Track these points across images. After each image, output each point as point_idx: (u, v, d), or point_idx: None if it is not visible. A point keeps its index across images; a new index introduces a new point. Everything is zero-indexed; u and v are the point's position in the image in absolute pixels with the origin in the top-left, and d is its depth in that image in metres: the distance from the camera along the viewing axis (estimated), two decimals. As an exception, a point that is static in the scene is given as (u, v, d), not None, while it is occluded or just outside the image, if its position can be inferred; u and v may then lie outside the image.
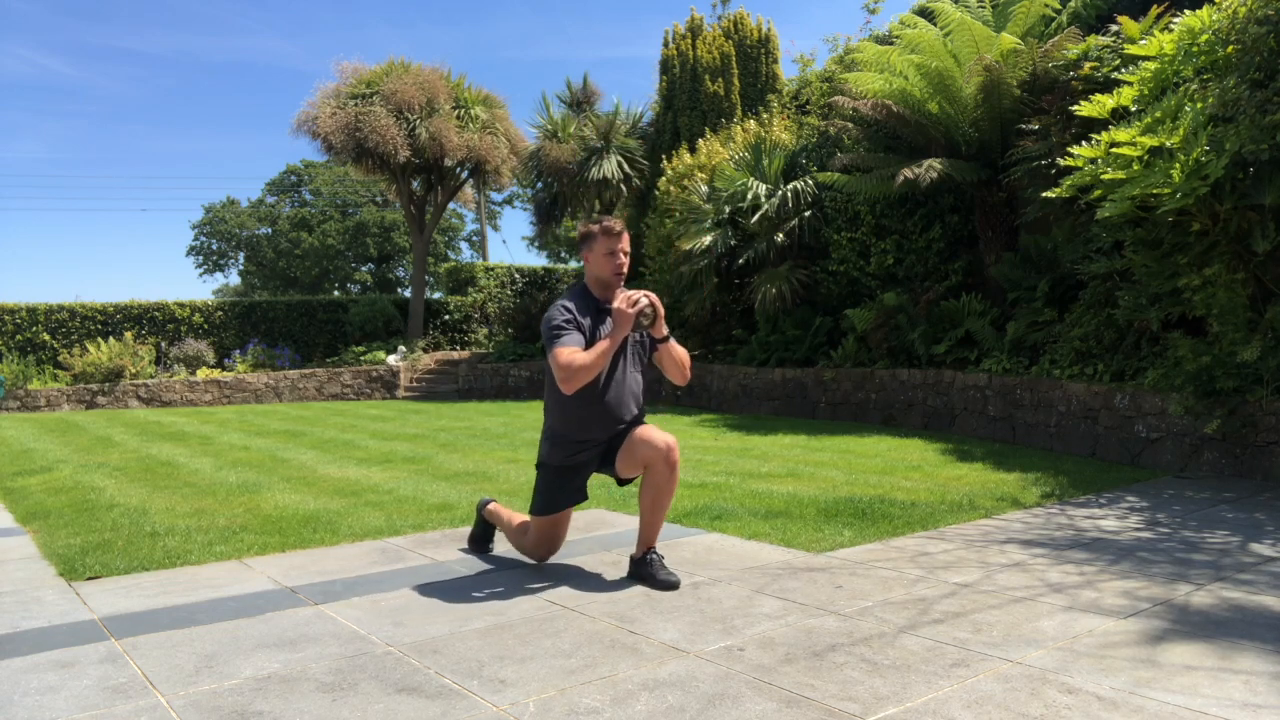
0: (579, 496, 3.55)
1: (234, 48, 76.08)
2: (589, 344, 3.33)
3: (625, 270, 3.47)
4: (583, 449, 3.48)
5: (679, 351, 3.55)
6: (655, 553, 3.47)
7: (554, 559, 3.86)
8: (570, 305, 3.40)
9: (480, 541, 4.02)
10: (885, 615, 2.98)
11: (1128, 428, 6.31)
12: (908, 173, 8.29)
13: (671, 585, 3.35)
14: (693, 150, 13.56)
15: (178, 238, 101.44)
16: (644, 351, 3.58)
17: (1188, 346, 5.87)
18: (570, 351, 3.25)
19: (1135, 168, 5.59)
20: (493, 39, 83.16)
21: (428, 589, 3.44)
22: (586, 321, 3.39)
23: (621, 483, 3.58)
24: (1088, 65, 7.23)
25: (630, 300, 3.30)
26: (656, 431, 3.42)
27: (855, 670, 2.50)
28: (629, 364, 3.50)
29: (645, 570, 3.42)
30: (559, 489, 3.51)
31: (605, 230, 3.44)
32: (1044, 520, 4.46)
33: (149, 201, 78.18)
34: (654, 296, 3.34)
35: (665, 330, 3.47)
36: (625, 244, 3.46)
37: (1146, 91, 6.04)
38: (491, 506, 3.96)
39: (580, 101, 18.11)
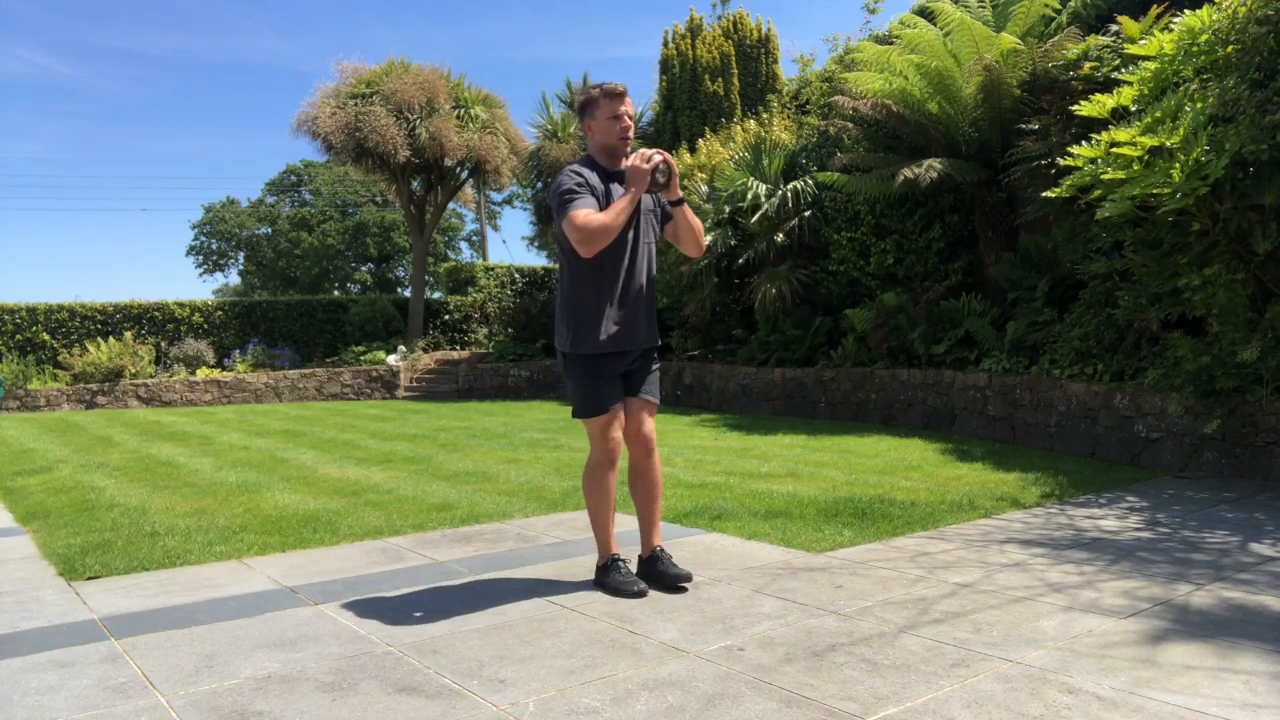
0: (620, 393, 3.31)
1: (234, 48, 76.20)
2: (602, 209, 3.17)
3: (631, 135, 3.31)
4: (608, 337, 3.24)
5: (694, 219, 3.40)
6: (662, 549, 3.43)
7: (553, 560, 3.86)
8: (579, 169, 3.26)
9: (609, 577, 3.39)
10: (885, 615, 2.98)
11: (1128, 428, 6.31)
12: (908, 172, 8.29)
13: (683, 578, 3.30)
14: (693, 150, 13.56)
15: (178, 238, 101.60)
16: (657, 224, 3.43)
17: (1188, 346, 5.87)
18: (586, 213, 3.08)
19: (1135, 168, 5.59)
20: (492, 39, 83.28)
21: (427, 589, 3.43)
22: (598, 185, 3.23)
23: None
24: (1088, 65, 7.23)
25: (644, 156, 3.14)
26: (648, 418, 3.37)
27: (855, 670, 2.50)
28: (642, 235, 3.34)
29: (655, 569, 3.36)
30: (597, 382, 3.26)
31: (606, 93, 3.26)
32: (1044, 520, 4.46)
33: (149, 201, 78.22)
34: (668, 155, 3.20)
35: (680, 193, 3.27)
36: (629, 106, 3.30)
37: (1146, 91, 6.04)
38: (599, 560, 3.45)
39: (580, 101, 18.08)
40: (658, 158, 3.16)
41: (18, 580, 3.72)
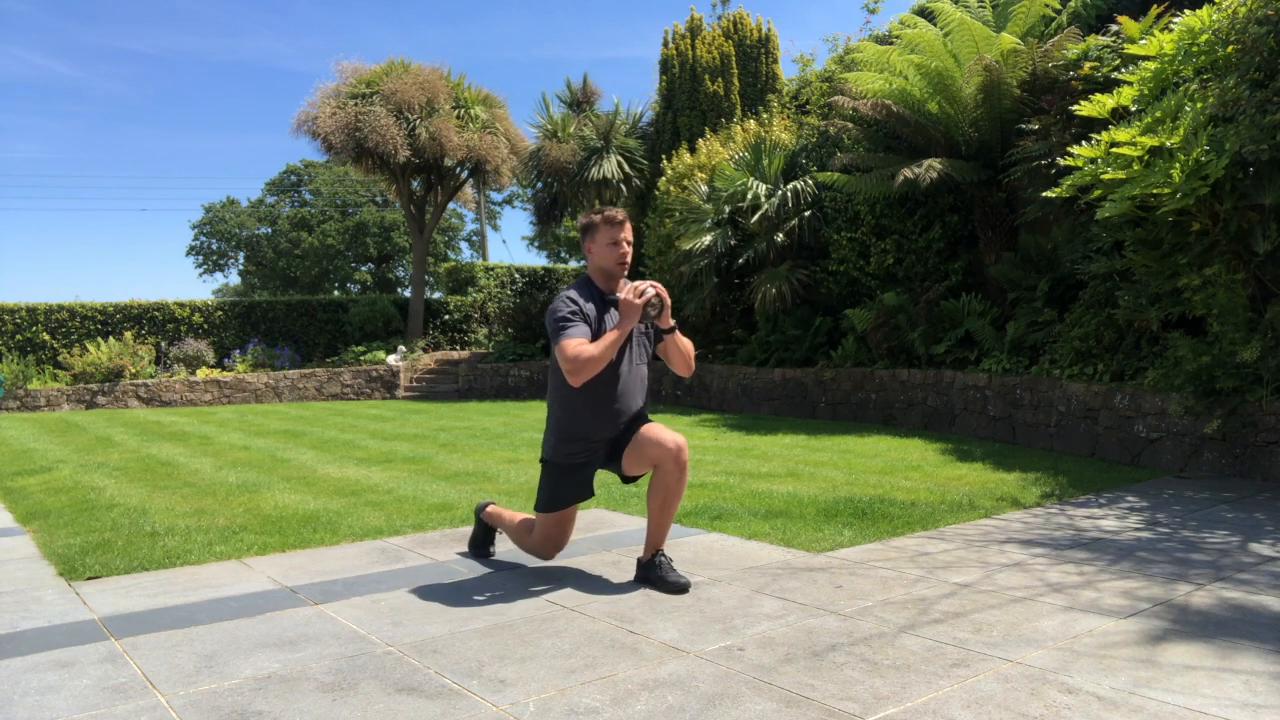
0: (586, 492, 3.49)
1: (234, 48, 76.14)
2: (595, 336, 3.27)
3: (629, 260, 3.42)
4: (589, 445, 3.43)
5: (684, 343, 3.51)
6: (664, 555, 3.43)
7: (555, 560, 3.86)
8: (575, 296, 3.35)
9: (480, 545, 3.96)
10: (885, 615, 2.98)
11: (1128, 428, 6.30)
12: (908, 173, 8.29)
13: (682, 588, 3.31)
14: (693, 150, 13.56)
15: (178, 238, 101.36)
16: (649, 343, 3.52)
17: (1188, 346, 5.87)
18: (578, 343, 3.19)
19: (1135, 168, 5.59)
20: (492, 39, 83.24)
21: (428, 589, 3.43)
22: (591, 313, 3.34)
23: (626, 480, 3.54)
24: (1088, 65, 7.23)
25: (637, 291, 3.24)
26: (665, 431, 3.36)
27: (855, 670, 2.50)
28: (634, 357, 3.45)
29: (654, 573, 3.38)
30: (565, 485, 3.46)
31: (607, 220, 3.39)
32: (1044, 520, 4.46)
33: (149, 201, 78.02)
34: (660, 287, 3.29)
35: (672, 321, 3.42)
36: (628, 233, 3.40)
37: (1146, 91, 6.04)
38: (491, 509, 3.91)
39: (580, 101, 18.11)
40: (651, 292, 3.25)
41: (18, 580, 3.72)
